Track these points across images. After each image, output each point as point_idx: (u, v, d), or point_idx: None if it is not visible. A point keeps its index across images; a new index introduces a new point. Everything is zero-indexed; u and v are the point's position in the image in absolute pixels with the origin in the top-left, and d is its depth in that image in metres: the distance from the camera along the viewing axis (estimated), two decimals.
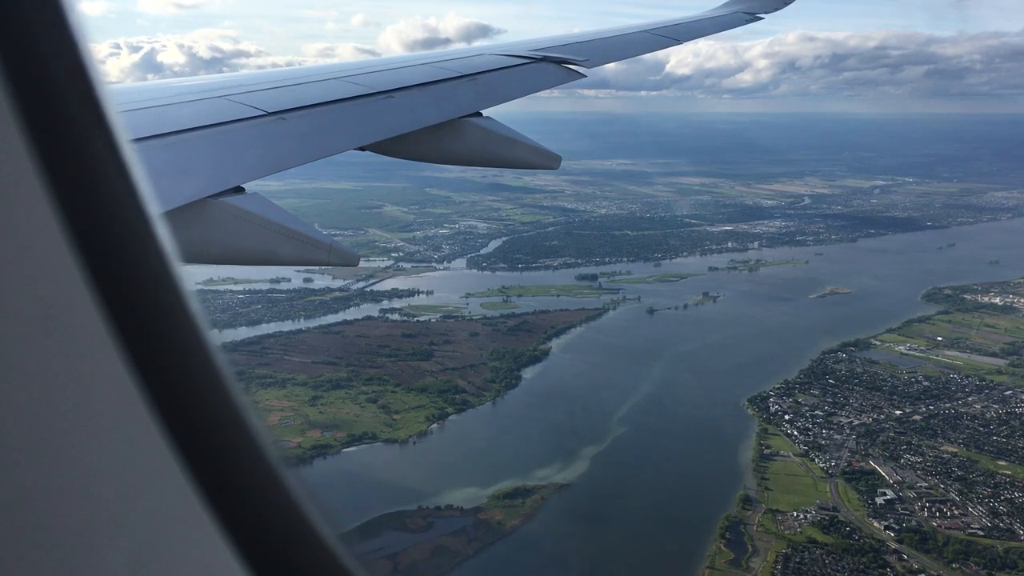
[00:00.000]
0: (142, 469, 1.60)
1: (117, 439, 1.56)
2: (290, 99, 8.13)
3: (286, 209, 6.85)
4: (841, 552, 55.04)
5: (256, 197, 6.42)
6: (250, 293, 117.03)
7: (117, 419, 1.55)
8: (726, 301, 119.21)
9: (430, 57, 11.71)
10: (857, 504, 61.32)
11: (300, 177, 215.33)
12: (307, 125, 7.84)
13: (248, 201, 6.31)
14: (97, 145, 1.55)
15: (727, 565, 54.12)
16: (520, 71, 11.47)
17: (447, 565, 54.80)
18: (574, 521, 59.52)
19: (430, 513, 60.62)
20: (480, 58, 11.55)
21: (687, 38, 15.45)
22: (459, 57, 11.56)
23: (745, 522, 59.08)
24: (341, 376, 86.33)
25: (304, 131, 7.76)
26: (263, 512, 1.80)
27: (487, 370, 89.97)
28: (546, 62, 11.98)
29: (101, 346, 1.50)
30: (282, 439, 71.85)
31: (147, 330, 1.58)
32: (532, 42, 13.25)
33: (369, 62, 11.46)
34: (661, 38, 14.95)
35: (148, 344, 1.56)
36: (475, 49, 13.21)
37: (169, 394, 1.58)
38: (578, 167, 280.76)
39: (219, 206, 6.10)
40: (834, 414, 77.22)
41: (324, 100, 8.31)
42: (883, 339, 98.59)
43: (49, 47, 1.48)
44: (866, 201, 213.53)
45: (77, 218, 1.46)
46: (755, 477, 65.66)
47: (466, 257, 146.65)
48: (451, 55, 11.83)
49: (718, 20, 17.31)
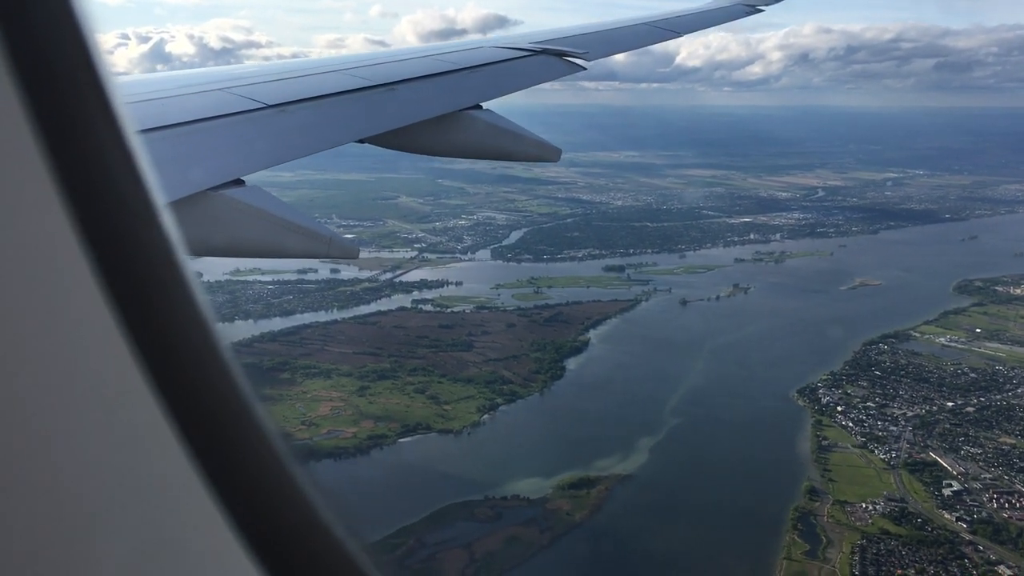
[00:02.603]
0: (151, 462, 1.59)
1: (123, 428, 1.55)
2: (291, 92, 8.07)
3: (300, 200, 6.78)
4: (916, 544, 54.95)
5: (256, 190, 6.39)
6: (279, 284, 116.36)
7: (122, 408, 1.54)
8: (757, 293, 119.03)
9: (430, 50, 11.74)
10: (924, 496, 61.26)
11: (311, 168, 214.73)
12: (307, 117, 7.82)
13: (248, 194, 6.29)
14: (103, 136, 1.53)
15: (804, 556, 53.99)
16: (520, 64, 11.48)
17: (523, 555, 54.50)
18: (643, 512, 59.28)
19: (497, 503, 60.35)
20: (480, 51, 11.57)
21: (687, 30, 15.60)
22: (459, 50, 11.60)
23: (815, 513, 58.99)
24: (385, 367, 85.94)
25: (304, 123, 7.75)
26: (273, 507, 1.77)
27: (530, 361, 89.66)
28: (546, 55, 11.98)
29: (109, 338, 1.49)
30: (336, 429, 71.61)
31: (153, 321, 1.57)
32: (532, 35, 13.34)
33: (370, 55, 11.52)
34: (661, 30, 15.04)
35: (154, 335, 1.55)
36: (475, 42, 13.12)
37: (175, 386, 1.57)
38: (586, 159, 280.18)
39: (219, 199, 6.07)
40: (886, 406, 77.13)
41: (325, 93, 8.31)
42: (922, 331, 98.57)
43: (55, 38, 1.46)
44: (880, 193, 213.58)
45: (84, 209, 1.45)
46: (817, 468, 65.55)
47: (489, 248, 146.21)
48: (451, 48, 11.86)
49: (718, 12, 17.42)
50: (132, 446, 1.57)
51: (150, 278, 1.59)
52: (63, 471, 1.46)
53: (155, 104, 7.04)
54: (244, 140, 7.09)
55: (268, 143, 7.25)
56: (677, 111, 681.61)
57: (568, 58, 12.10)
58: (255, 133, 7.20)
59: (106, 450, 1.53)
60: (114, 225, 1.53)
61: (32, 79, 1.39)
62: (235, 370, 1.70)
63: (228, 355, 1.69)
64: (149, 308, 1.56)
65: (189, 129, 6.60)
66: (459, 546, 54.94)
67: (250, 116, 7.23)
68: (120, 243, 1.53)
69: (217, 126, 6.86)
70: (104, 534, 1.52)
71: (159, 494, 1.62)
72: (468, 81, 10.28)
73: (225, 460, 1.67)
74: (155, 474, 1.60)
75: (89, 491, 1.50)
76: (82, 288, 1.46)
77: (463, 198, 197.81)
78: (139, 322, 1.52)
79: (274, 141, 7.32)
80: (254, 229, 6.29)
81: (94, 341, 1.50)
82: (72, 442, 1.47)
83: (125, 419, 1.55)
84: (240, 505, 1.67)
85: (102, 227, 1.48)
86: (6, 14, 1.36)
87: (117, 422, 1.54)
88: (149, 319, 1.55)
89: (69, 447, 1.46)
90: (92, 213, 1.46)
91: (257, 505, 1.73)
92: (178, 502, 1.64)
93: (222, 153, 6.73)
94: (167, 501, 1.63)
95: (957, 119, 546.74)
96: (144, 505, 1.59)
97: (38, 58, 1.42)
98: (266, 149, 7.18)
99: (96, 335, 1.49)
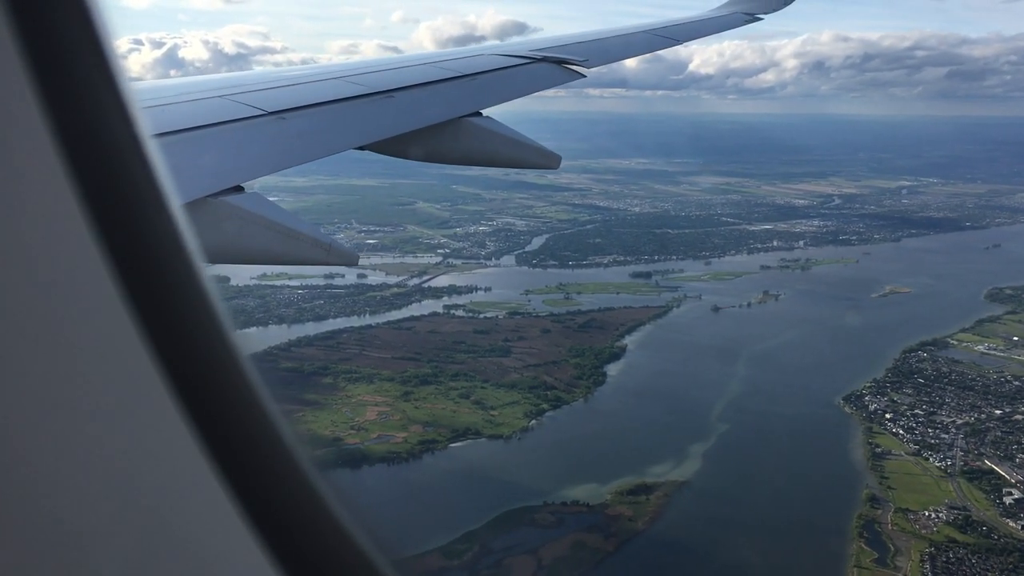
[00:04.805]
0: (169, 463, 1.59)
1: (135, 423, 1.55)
2: (290, 99, 8.17)
3: (317, 205, 6.81)
4: (985, 552, 54.62)
5: (255, 196, 6.45)
6: (308, 288, 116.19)
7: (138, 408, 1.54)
8: (788, 300, 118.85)
9: (430, 57, 11.86)
10: (986, 504, 60.94)
11: (323, 173, 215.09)
12: (306, 124, 7.89)
13: (247, 200, 6.33)
14: (119, 138, 1.54)
15: (873, 564, 53.64)
16: (520, 71, 11.53)
17: (590, 561, 54.14)
18: (706, 520, 58.92)
19: (557, 509, 59.97)
20: (480, 58, 11.64)
21: (686, 38, 15.77)
22: (459, 57, 11.66)
23: (878, 521, 58.63)
24: (426, 372, 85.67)
25: (303, 130, 7.82)
26: (291, 508, 1.77)
27: (570, 367, 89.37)
28: (546, 62, 12.03)
29: (126, 340, 1.49)
30: (386, 434, 71.30)
31: (168, 320, 1.57)
32: (533, 42, 13.40)
33: (371, 61, 11.64)
34: (661, 38, 15.18)
35: (170, 334, 1.55)
36: (475, 49, 13.31)
37: (191, 385, 1.57)
38: (598, 165, 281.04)
39: (218, 205, 6.10)
40: (934, 413, 76.86)
41: (324, 100, 8.35)
42: (959, 338, 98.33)
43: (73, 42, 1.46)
44: (897, 201, 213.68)
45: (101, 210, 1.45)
46: (874, 476, 65.20)
47: (513, 254, 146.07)
48: (452, 55, 11.92)
49: (717, 21, 17.60)
50: (149, 445, 1.56)
51: (165, 279, 1.59)
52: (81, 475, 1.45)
53: (155, 111, 7.07)
54: (243, 147, 7.12)
55: (267, 150, 7.28)
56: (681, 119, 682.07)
57: (568, 66, 12.18)
58: (254, 140, 7.22)
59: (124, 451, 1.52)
60: (130, 226, 1.53)
61: (50, 83, 1.39)
62: (251, 371, 1.70)
63: (244, 355, 1.69)
64: (164, 308, 1.56)
65: (188, 136, 6.63)
66: (525, 552, 54.56)
67: (249, 123, 7.26)
68: (136, 244, 1.53)
69: (216, 133, 6.92)
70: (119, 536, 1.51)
71: (175, 493, 1.61)
72: (467, 88, 10.31)
73: (241, 460, 1.66)
74: (171, 474, 1.59)
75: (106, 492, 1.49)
76: (99, 289, 1.46)
77: (480, 204, 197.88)
78: (155, 322, 1.52)
79: (273, 148, 7.34)
80: (254, 236, 6.31)
81: (113, 342, 1.49)
82: (94, 444, 1.47)
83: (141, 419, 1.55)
84: (256, 504, 1.66)
85: (119, 228, 1.48)
86: (25, 18, 1.36)
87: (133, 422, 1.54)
88: (164, 319, 1.55)
89: (88, 450, 1.46)
90: (108, 215, 1.46)
91: (274, 505, 1.72)
92: (195, 502, 1.63)
93: (221, 160, 6.76)
94: (183, 501, 1.62)
95: (964, 128, 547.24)
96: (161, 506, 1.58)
97: (56, 62, 1.42)
98: (265, 156, 7.23)
99: (114, 336, 1.48)
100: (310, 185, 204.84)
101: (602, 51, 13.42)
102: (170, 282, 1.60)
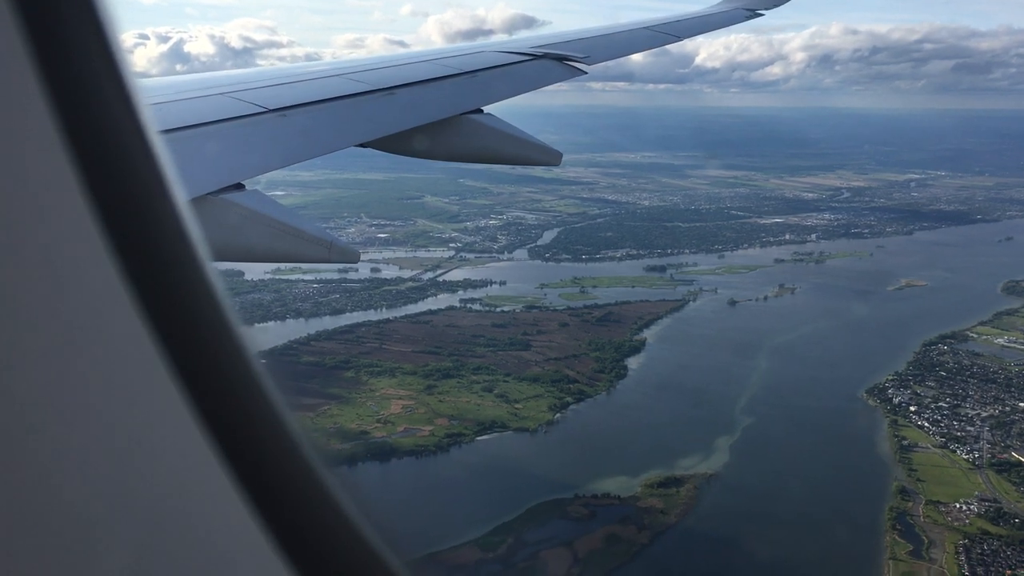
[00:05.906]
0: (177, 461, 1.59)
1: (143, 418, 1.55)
2: (291, 96, 8.20)
3: (326, 200, 6.75)
4: (1019, 544, 54.66)
5: (256, 194, 6.45)
6: (322, 282, 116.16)
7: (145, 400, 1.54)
8: (804, 293, 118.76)
9: (432, 54, 11.86)
10: (1016, 496, 60.96)
11: (330, 168, 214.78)
12: (308, 122, 7.92)
13: (248, 198, 6.34)
14: (125, 133, 1.55)
15: (908, 556, 53.66)
16: (521, 68, 11.59)
17: (626, 553, 54.16)
18: (738, 512, 58.91)
19: (588, 501, 59.98)
20: (481, 55, 11.72)
21: (687, 35, 15.87)
22: (460, 54, 11.72)
23: (910, 513, 58.66)
24: (447, 365, 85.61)
25: (305, 128, 7.85)
26: (300, 505, 1.77)
27: (591, 360, 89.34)
28: (547, 59, 12.10)
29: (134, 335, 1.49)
30: (412, 427, 71.27)
31: (175, 316, 1.57)
32: (534, 39, 13.55)
33: (372, 59, 11.64)
34: (661, 35, 15.30)
35: (176, 330, 1.55)
36: (476, 46, 13.29)
37: (199, 382, 1.57)
38: (605, 159, 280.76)
39: (220, 203, 6.12)
40: (958, 406, 76.86)
41: (326, 97, 8.40)
42: (978, 331, 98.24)
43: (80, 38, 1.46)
44: (907, 194, 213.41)
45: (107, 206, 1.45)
46: (903, 468, 65.19)
47: (526, 248, 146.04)
48: (452, 52, 11.98)
49: (718, 17, 17.70)
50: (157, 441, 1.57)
51: (172, 274, 1.59)
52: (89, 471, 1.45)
53: (157, 108, 7.09)
54: (245, 144, 7.13)
55: (269, 147, 7.31)
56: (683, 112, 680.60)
57: (569, 62, 12.27)
58: (256, 137, 7.24)
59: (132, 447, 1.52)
60: (136, 222, 1.53)
61: (56, 79, 1.39)
62: (258, 367, 1.69)
63: (251, 351, 1.69)
64: (171, 303, 1.56)
65: (190, 133, 6.65)
66: (560, 544, 54.59)
67: (251, 120, 7.28)
68: (143, 239, 1.53)
69: (218, 130, 6.95)
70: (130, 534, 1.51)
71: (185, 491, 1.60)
72: (468, 85, 10.35)
73: (250, 456, 1.66)
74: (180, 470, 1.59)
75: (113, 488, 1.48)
76: (106, 284, 1.46)
77: (488, 198, 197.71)
78: (162, 317, 1.52)
79: (274, 145, 7.37)
80: (255, 233, 6.31)
81: (120, 338, 1.49)
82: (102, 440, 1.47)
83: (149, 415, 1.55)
84: (265, 500, 1.65)
85: (125, 224, 1.48)
86: (31, 14, 1.36)
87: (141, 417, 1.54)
88: (171, 314, 1.55)
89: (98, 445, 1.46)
90: (115, 210, 1.46)
91: (283, 501, 1.72)
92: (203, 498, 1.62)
93: (222, 157, 6.76)
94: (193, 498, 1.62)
95: (968, 120, 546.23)
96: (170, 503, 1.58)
97: (62, 58, 1.42)
98: (266, 153, 7.25)
99: (121, 331, 1.48)
100: (317, 179, 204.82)
101: (604, 47, 13.56)
102: (177, 277, 1.60)
